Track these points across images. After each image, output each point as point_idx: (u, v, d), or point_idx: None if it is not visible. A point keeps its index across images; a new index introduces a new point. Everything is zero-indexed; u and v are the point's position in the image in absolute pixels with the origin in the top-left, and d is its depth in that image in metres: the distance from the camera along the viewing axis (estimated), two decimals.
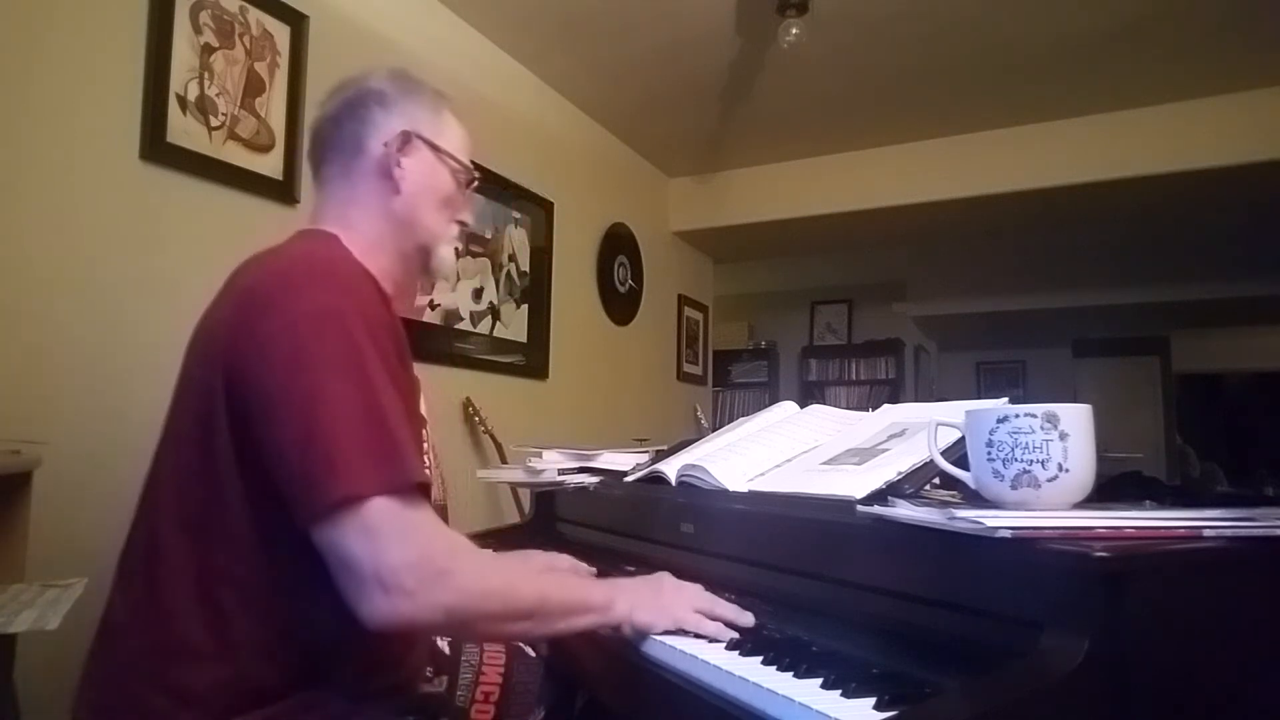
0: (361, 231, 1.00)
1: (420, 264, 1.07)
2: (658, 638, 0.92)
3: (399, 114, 1.03)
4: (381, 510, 0.77)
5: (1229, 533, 0.69)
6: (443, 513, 2.08)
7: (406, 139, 1.02)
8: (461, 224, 1.10)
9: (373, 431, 0.80)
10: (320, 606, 0.80)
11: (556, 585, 0.94)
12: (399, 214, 1.02)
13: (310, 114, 2.04)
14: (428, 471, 1.06)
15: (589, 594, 0.92)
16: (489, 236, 2.83)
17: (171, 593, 0.84)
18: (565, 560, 1.26)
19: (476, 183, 1.12)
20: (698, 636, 0.91)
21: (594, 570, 1.22)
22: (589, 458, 1.55)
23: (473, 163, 1.10)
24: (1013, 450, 0.77)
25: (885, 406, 1.24)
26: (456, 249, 1.11)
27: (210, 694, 0.82)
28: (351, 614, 0.77)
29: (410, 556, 0.77)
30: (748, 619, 0.93)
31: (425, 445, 1.04)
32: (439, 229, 1.06)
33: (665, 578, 1.00)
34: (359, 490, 0.76)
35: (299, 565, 0.80)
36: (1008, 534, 0.66)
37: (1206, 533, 0.69)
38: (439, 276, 1.13)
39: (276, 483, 0.80)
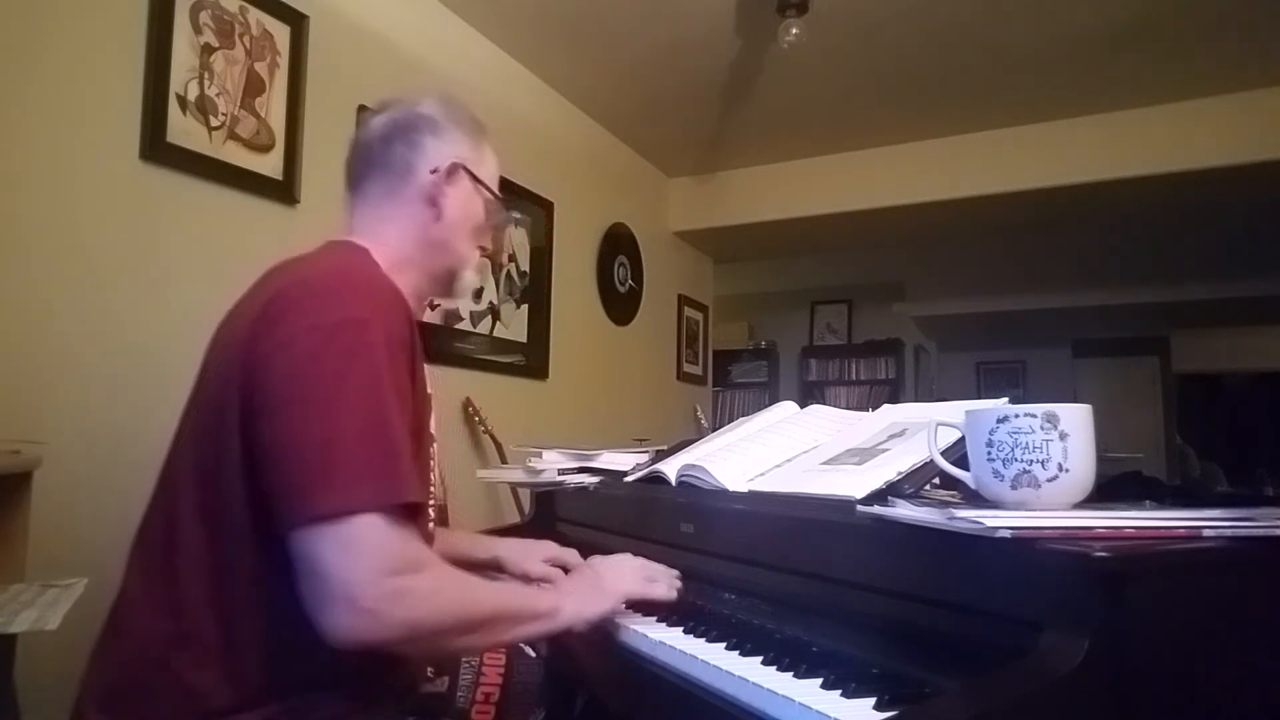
0: (394, 248, 1.03)
1: (445, 284, 1.12)
2: (657, 638, 0.92)
3: (448, 142, 1.07)
4: (365, 526, 0.76)
5: (1229, 533, 0.69)
6: (442, 513, 2.09)
7: (454, 170, 1.06)
8: (483, 249, 1.15)
9: (374, 446, 0.80)
10: None
11: (509, 597, 0.97)
12: (435, 238, 1.06)
13: (310, 114, 2.07)
14: (431, 489, 1.07)
15: (536, 603, 0.95)
16: None
17: (188, 584, 0.85)
18: (573, 555, 1.29)
19: (503, 214, 1.17)
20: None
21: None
22: (589, 458, 1.55)
23: (501, 179, 1.15)
24: (1013, 450, 0.77)
25: (885, 406, 1.24)
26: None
27: (216, 687, 0.82)
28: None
29: (380, 576, 0.76)
30: (678, 584, 1.04)
31: (433, 463, 1.05)
32: (467, 254, 1.11)
33: (596, 561, 1.08)
34: (349, 504, 0.76)
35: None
36: (1008, 534, 0.66)
37: (1206, 533, 0.69)
38: (459, 296, 1.17)
39: (268, 482, 0.80)
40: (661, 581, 1.04)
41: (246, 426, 0.83)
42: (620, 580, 1.02)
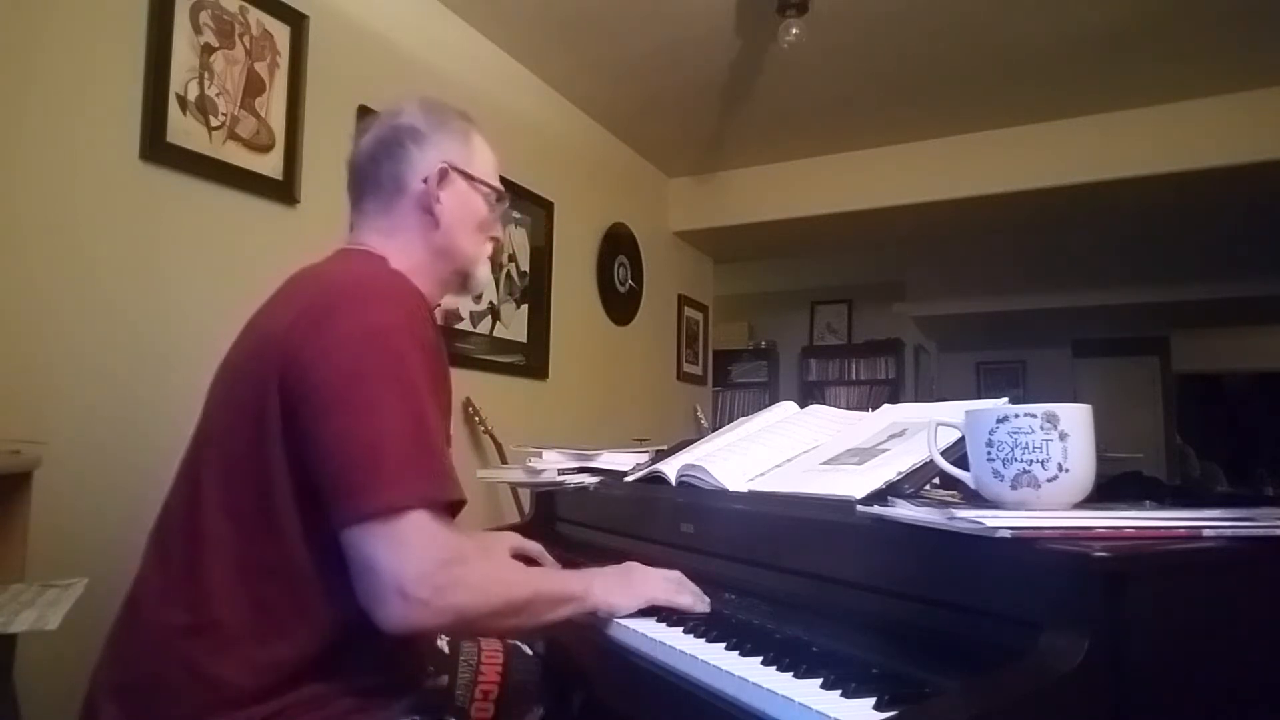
0: (403, 259, 1.04)
1: (459, 285, 1.13)
2: (657, 637, 0.92)
3: (434, 148, 1.07)
4: (413, 523, 0.81)
5: (1229, 533, 0.69)
6: None
7: (444, 175, 1.06)
8: (494, 240, 1.15)
9: (419, 447, 0.85)
10: (353, 601, 0.83)
11: (544, 580, 1.02)
12: (439, 245, 1.07)
13: (310, 114, 2.07)
14: None
15: (568, 585, 0.99)
16: None
17: (212, 576, 0.86)
18: (534, 546, 1.35)
19: (507, 201, 1.17)
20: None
21: (555, 560, 1.33)
22: (589, 458, 1.55)
23: (501, 179, 1.15)
24: (1013, 450, 0.77)
25: (885, 406, 1.24)
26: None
27: (232, 677, 0.84)
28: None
29: (430, 569, 0.81)
30: (706, 604, 1.01)
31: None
32: (475, 251, 1.12)
33: (634, 565, 1.07)
34: (398, 501, 0.81)
35: (340, 560, 0.83)
36: (1008, 534, 0.66)
37: (1206, 533, 0.69)
38: (476, 292, 1.19)
39: (319, 481, 0.84)
40: (689, 594, 1.03)
41: (289, 429, 0.86)
42: (649, 584, 1.02)
